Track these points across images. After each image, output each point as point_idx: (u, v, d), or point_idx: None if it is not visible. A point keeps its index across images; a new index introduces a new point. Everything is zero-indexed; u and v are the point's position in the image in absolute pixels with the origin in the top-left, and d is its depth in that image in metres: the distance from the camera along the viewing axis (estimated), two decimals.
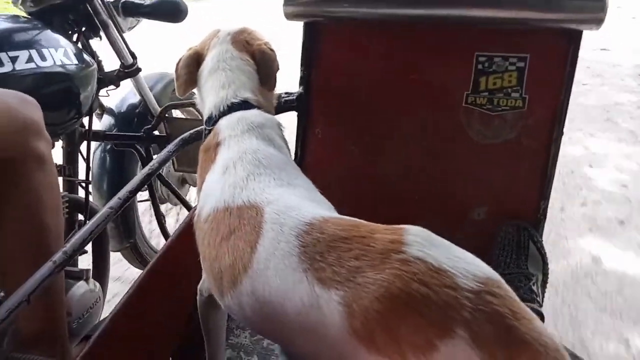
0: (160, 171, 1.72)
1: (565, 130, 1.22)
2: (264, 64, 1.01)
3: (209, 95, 0.99)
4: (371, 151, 1.35)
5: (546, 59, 1.20)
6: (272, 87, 1.03)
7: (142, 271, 1.00)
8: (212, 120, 0.96)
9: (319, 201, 0.85)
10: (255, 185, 0.82)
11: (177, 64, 1.05)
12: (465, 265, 0.63)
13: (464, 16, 1.19)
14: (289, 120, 1.18)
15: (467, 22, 1.21)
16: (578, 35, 1.16)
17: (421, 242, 0.66)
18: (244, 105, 0.95)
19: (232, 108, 0.95)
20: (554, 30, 1.17)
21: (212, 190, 0.86)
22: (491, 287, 0.61)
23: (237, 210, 0.80)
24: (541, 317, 1.00)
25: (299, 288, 0.69)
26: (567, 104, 1.20)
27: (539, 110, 1.22)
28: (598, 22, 1.10)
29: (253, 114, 0.94)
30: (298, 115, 1.38)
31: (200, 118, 1.04)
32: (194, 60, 1.03)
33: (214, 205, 0.83)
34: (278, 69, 1.03)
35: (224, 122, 0.94)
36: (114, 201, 0.95)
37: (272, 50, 1.03)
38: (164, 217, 1.78)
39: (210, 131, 0.96)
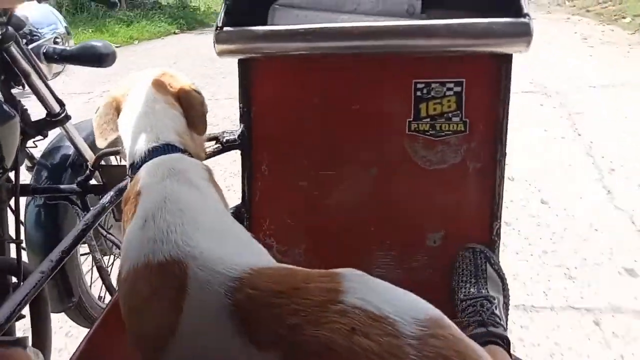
0: (100, 222, 1.63)
1: None
2: (190, 107, 0.96)
3: (131, 142, 0.93)
4: (321, 184, 1.32)
5: (481, 82, 1.23)
6: (202, 130, 0.98)
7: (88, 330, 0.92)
8: (135, 168, 0.90)
9: (249, 248, 0.81)
10: (177, 237, 0.75)
11: (96, 113, 0.99)
12: (406, 308, 0.61)
13: (397, 45, 1.20)
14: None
15: (401, 51, 1.22)
16: (509, 57, 1.20)
17: (358, 287, 0.63)
18: (167, 148, 0.90)
19: (154, 152, 0.89)
20: (486, 54, 1.21)
21: (131, 246, 0.79)
22: (434, 329, 0.60)
23: (159, 267, 0.73)
24: (507, 341, 0.99)
25: (232, 352, 0.65)
26: (507, 124, 1.23)
27: (481, 133, 1.24)
28: (526, 44, 1.14)
29: (174, 158, 0.88)
30: (242, 154, 1.34)
31: None
32: (113, 108, 0.98)
33: (133, 262, 0.76)
34: (206, 111, 0.99)
35: (144, 168, 0.88)
36: (46, 264, 0.87)
37: (198, 92, 0.98)
38: (107, 271, 1.67)
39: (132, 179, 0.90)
